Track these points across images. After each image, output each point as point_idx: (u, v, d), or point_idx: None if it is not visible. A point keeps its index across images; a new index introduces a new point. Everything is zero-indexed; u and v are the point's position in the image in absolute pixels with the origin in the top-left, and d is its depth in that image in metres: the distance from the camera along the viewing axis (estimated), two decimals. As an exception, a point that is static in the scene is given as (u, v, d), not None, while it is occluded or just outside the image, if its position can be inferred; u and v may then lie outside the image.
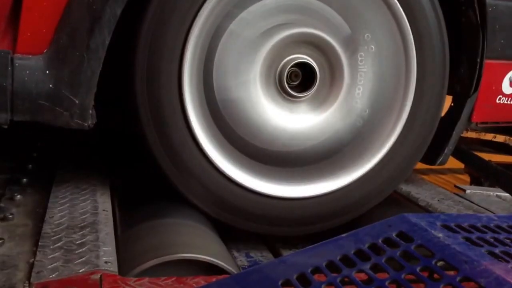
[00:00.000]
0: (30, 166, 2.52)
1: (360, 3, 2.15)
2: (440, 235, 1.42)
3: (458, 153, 2.60)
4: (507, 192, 2.75)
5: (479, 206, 2.58)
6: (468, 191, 2.81)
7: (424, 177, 3.08)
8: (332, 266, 1.41)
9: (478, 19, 2.29)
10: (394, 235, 1.47)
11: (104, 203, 2.12)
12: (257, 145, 2.15)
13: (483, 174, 3.05)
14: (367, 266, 1.38)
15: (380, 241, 1.46)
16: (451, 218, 1.54)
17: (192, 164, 2.08)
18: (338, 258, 1.43)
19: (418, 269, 1.34)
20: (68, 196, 2.15)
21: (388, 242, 1.46)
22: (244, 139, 2.14)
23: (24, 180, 2.33)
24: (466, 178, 4.16)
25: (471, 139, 3.70)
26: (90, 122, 1.96)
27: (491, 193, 2.84)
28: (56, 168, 2.49)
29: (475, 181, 3.97)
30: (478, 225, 1.52)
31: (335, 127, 2.22)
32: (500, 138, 3.81)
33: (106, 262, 1.67)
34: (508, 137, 3.80)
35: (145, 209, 2.15)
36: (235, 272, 1.81)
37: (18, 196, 2.17)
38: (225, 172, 2.11)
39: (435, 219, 1.52)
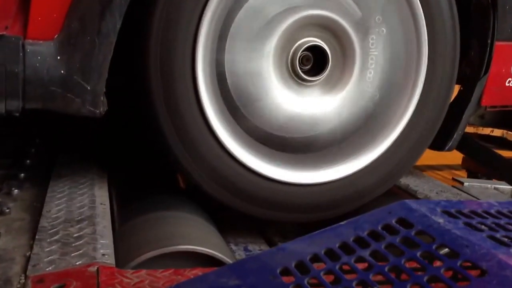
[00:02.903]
0: (28, 161, 2.51)
1: None
2: (441, 220, 1.41)
3: (464, 144, 2.57)
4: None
5: (477, 198, 2.57)
6: (466, 184, 2.80)
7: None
8: (331, 254, 1.38)
9: (489, 1, 2.27)
10: (394, 221, 1.44)
11: (102, 197, 2.10)
12: (270, 132, 2.14)
13: (489, 167, 3.02)
14: (366, 253, 1.36)
15: (379, 227, 1.44)
16: (452, 204, 1.52)
17: (206, 151, 2.05)
18: (337, 245, 1.40)
19: (418, 254, 1.32)
20: (66, 190, 2.14)
21: (388, 229, 1.43)
22: (257, 125, 2.12)
23: (22, 175, 2.31)
24: (463, 174, 4.14)
25: (469, 133, 3.68)
26: (101, 109, 1.94)
27: (489, 185, 2.83)
28: (54, 163, 2.47)
29: (472, 177, 3.96)
30: (479, 211, 1.50)
31: (346, 112, 2.21)
32: (497, 133, 3.80)
33: (103, 255, 1.66)
34: (506, 131, 3.80)
35: (143, 202, 2.13)
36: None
37: (16, 190, 2.16)
38: (239, 158, 2.09)
39: (436, 205, 1.50)
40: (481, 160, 2.98)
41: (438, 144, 2.40)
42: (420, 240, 1.36)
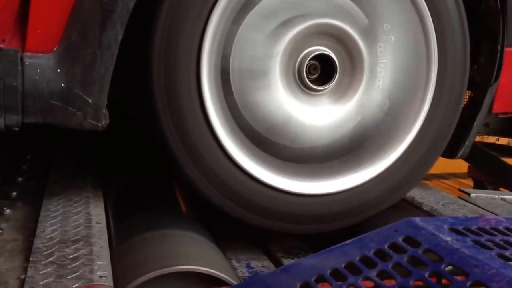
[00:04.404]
0: (20, 179, 2.45)
1: None
2: (448, 238, 1.36)
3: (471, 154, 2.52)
4: None
5: (484, 209, 2.52)
6: (472, 195, 2.75)
7: (427, 182, 3.01)
8: (337, 274, 1.35)
9: (498, 5, 2.24)
10: (400, 239, 1.40)
11: (98, 216, 2.05)
12: (276, 142, 2.10)
13: (497, 177, 2.96)
14: (373, 273, 1.32)
15: (386, 246, 1.40)
16: (459, 221, 1.48)
17: (211, 160, 2.01)
18: (343, 265, 1.37)
19: (426, 274, 1.27)
20: (60, 209, 2.09)
21: (394, 248, 1.40)
22: (264, 135, 2.08)
23: (14, 193, 2.26)
24: (469, 182, 4.11)
25: (474, 142, 3.63)
26: (103, 122, 1.90)
27: (496, 196, 2.79)
28: (47, 180, 2.42)
29: (478, 186, 3.92)
30: (487, 227, 1.46)
31: (355, 121, 2.17)
32: (503, 141, 3.76)
33: (100, 277, 1.61)
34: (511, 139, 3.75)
35: (140, 220, 2.08)
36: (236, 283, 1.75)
37: (8, 210, 2.11)
38: (244, 167, 2.04)
39: (443, 222, 1.46)
40: (489, 170, 2.92)
41: (450, 152, 2.35)
42: (428, 260, 1.30)
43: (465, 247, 1.33)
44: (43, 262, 1.68)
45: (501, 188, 3.56)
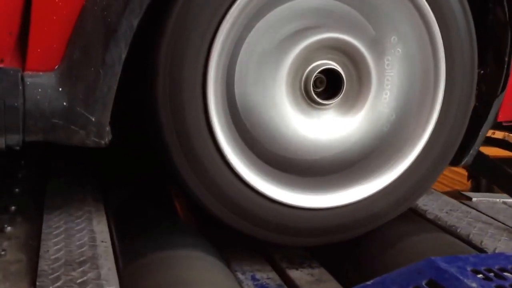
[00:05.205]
0: (17, 190, 2.37)
1: (386, 5, 2.05)
2: (474, 285, 1.33)
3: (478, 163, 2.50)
4: None
5: (487, 215, 2.51)
6: (474, 199, 2.74)
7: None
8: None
9: (507, 16, 2.20)
10: (424, 283, 1.37)
11: (102, 233, 2.00)
12: (281, 155, 2.06)
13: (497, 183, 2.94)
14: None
15: (409, 289, 1.37)
16: (480, 261, 1.46)
17: (215, 174, 1.97)
18: (366, 307, 1.34)
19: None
20: (62, 225, 2.03)
21: (418, 291, 1.36)
22: (270, 150, 2.04)
23: (13, 207, 2.18)
24: (462, 171, 4.10)
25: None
26: (106, 140, 1.87)
27: (497, 200, 2.78)
28: (45, 190, 2.35)
29: (473, 176, 3.93)
30: (509, 267, 1.44)
31: (362, 134, 2.13)
32: (499, 135, 3.75)
33: (111, 303, 1.57)
34: (507, 133, 3.74)
35: (146, 238, 2.03)
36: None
37: (8, 228, 2.04)
38: (249, 182, 2.01)
39: (465, 263, 1.43)
40: (493, 178, 2.91)
41: (455, 160, 2.31)
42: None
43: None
44: (51, 287, 1.62)
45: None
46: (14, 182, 2.46)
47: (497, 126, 3.40)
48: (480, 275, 1.38)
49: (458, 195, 2.83)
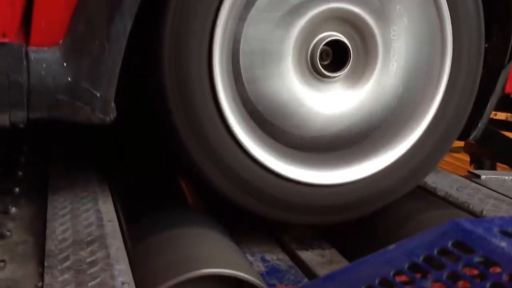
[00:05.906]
0: (20, 173, 2.33)
1: None
2: (503, 244, 1.29)
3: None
4: None
5: (498, 193, 2.48)
6: (483, 177, 2.70)
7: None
8: (387, 285, 1.27)
9: None
10: (450, 245, 1.33)
11: (108, 213, 1.95)
12: (288, 130, 2.03)
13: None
14: (427, 284, 1.24)
15: (435, 252, 1.32)
16: (507, 222, 1.40)
17: (223, 151, 1.94)
18: (391, 273, 1.29)
19: (487, 286, 1.20)
20: (67, 206, 1.98)
21: (444, 254, 1.32)
22: (274, 123, 2.01)
23: (17, 189, 2.14)
24: (464, 157, 4.09)
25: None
26: (111, 116, 1.83)
27: (506, 177, 2.74)
28: (49, 172, 2.31)
29: (475, 161, 3.91)
30: (537, 226, 1.40)
31: (369, 107, 2.10)
32: (501, 116, 3.74)
33: (123, 283, 1.52)
34: (510, 114, 3.73)
35: (153, 218, 1.99)
36: (261, 284, 1.68)
37: (13, 208, 2.00)
38: (257, 157, 1.98)
39: (491, 224, 1.38)
40: (498, 148, 2.88)
41: (463, 134, 2.29)
42: (488, 271, 1.24)
43: (524, 254, 1.27)
44: (59, 267, 1.58)
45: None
46: (17, 166, 2.42)
47: (499, 107, 3.39)
48: (508, 236, 1.33)
49: (466, 174, 2.79)
